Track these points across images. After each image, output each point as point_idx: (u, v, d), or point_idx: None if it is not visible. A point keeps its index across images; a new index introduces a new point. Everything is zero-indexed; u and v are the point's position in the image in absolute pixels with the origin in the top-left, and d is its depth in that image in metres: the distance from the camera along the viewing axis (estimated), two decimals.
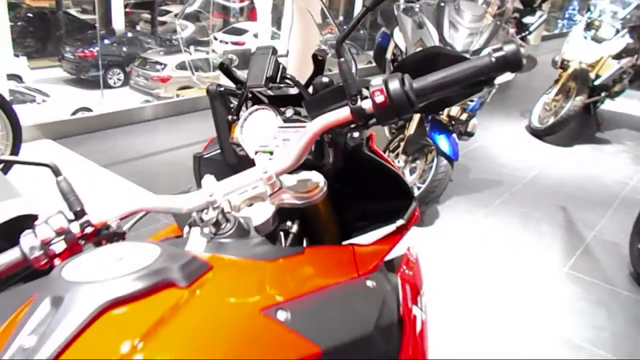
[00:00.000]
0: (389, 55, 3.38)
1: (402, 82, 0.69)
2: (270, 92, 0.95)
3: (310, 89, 0.92)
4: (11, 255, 0.70)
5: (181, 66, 12.94)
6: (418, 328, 0.90)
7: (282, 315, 0.60)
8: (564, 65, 5.07)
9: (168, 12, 18.37)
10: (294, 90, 0.94)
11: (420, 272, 1.05)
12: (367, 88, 0.72)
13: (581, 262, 2.85)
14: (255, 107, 0.95)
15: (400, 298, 0.85)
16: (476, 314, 2.31)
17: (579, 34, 5.09)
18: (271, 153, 0.88)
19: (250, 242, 0.73)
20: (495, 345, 2.13)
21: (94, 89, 12.42)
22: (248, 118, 0.95)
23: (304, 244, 0.89)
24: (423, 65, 0.77)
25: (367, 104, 0.71)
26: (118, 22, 15.61)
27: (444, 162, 2.91)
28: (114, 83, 13.86)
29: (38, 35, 15.45)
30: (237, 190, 0.76)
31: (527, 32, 8.64)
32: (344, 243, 0.90)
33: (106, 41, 14.79)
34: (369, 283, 0.75)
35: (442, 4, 3.05)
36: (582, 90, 4.80)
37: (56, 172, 0.75)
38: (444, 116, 3.04)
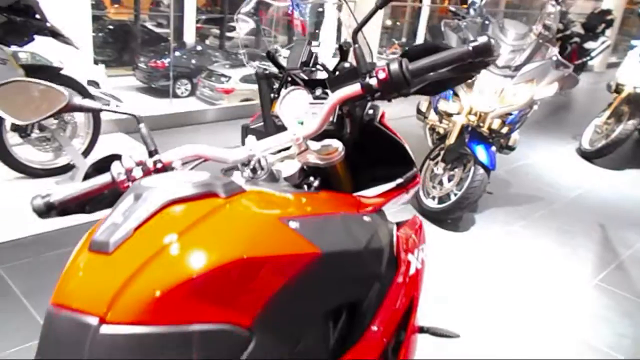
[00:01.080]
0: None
1: (400, 64, 0.91)
2: (304, 76, 1.18)
3: (337, 73, 1.15)
4: (104, 178, 0.96)
5: (245, 79, 13.55)
6: (411, 271, 1.09)
7: (293, 224, 0.82)
8: (618, 89, 5.06)
9: (235, 28, 19.20)
10: (323, 75, 1.17)
11: (423, 234, 1.24)
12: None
13: (613, 276, 2.90)
14: (292, 87, 1.18)
15: (394, 241, 1.05)
16: (503, 317, 2.44)
17: (635, 58, 5.08)
18: (302, 123, 1.11)
19: (278, 185, 0.96)
20: (520, 344, 2.26)
21: (163, 97, 13.18)
22: (286, 96, 1.19)
23: None
24: (423, 55, 0.98)
25: (373, 81, 0.93)
26: (189, 36, 16.50)
27: (481, 171, 3.05)
28: (182, 93, 14.61)
29: (116, 46, 16.52)
30: (272, 148, 0.99)
31: (588, 58, 8.58)
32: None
33: (177, 53, 15.67)
34: (365, 218, 0.96)
35: (487, 22, 3.23)
36: (635, 114, 4.79)
37: (139, 120, 1.01)
38: (484, 129, 3.18)
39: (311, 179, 1.07)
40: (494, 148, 3.20)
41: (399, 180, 1.09)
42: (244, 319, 0.72)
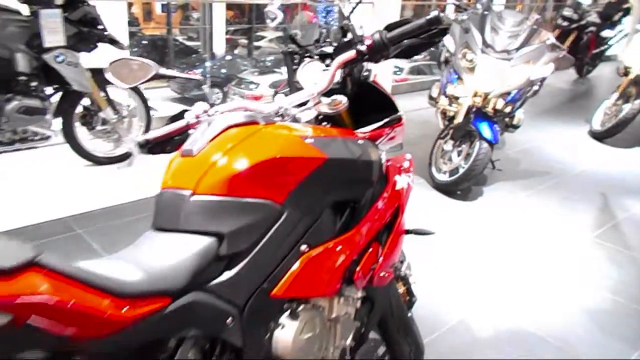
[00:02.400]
0: (442, 57, 3.97)
1: (380, 34, 1.33)
2: (316, 51, 1.61)
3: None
4: (181, 123, 1.40)
5: (273, 85, 14.13)
6: (397, 187, 1.51)
7: (309, 140, 1.24)
8: (626, 72, 5.32)
9: (263, 37, 19.80)
10: (331, 49, 1.60)
11: (411, 166, 1.65)
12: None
13: (608, 233, 3.23)
14: (309, 59, 1.61)
15: (383, 163, 1.47)
16: (507, 268, 2.81)
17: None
18: (316, 84, 1.54)
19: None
20: (524, 290, 2.63)
21: None
22: (305, 66, 1.62)
23: None
24: (397, 27, 1.40)
25: (363, 47, 1.35)
26: (219, 47, 17.25)
27: (485, 145, 3.44)
28: (214, 101, 15.33)
29: (150, 59, 17.41)
30: (295, 102, 1.42)
31: (606, 47, 8.76)
32: None
33: (208, 64, 16.42)
34: (359, 141, 1.38)
35: (486, 13, 3.61)
36: None
37: (203, 82, 1.46)
38: (489, 109, 3.56)
39: (323, 123, 1.50)
40: (497, 126, 3.57)
41: (385, 120, 1.51)
42: (278, 198, 1.16)
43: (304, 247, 1.21)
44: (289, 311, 1.21)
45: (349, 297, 1.37)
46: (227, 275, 1.09)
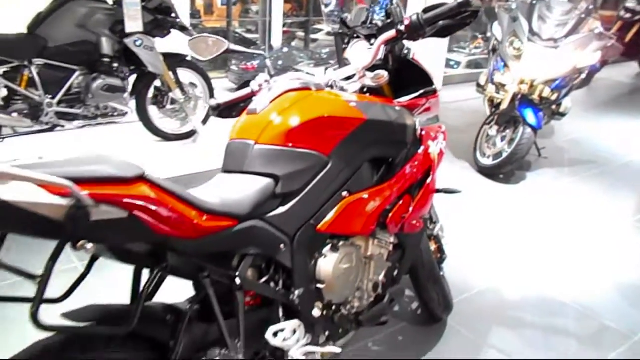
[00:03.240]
0: (490, 46, 4.10)
1: (417, 15, 1.55)
2: (363, 31, 1.84)
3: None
4: (246, 90, 1.67)
5: None
6: (430, 150, 1.72)
7: (352, 103, 1.48)
8: None
9: (320, 30, 20.06)
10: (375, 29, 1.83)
11: (445, 135, 1.85)
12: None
13: None
14: (356, 39, 1.85)
15: (418, 128, 1.69)
16: (542, 244, 2.96)
17: None
18: None
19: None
20: (557, 262, 2.77)
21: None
22: (352, 45, 1.85)
23: None
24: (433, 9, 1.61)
25: (402, 27, 1.57)
26: (276, 40, 17.69)
27: (528, 130, 3.56)
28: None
29: None
30: (343, 75, 1.66)
31: None
32: None
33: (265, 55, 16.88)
34: (396, 107, 1.61)
35: (534, 2, 3.72)
36: None
37: (265, 56, 1.72)
38: (535, 96, 3.67)
39: (367, 94, 1.73)
40: (542, 113, 3.67)
41: (421, 91, 1.73)
42: (325, 150, 1.41)
43: (345, 193, 1.46)
44: (330, 245, 1.46)
45: (382, 239, 1.60)
46: (281, 210, 1.34)
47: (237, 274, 1.25)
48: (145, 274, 1.16)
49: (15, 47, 3.13)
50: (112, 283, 1.38)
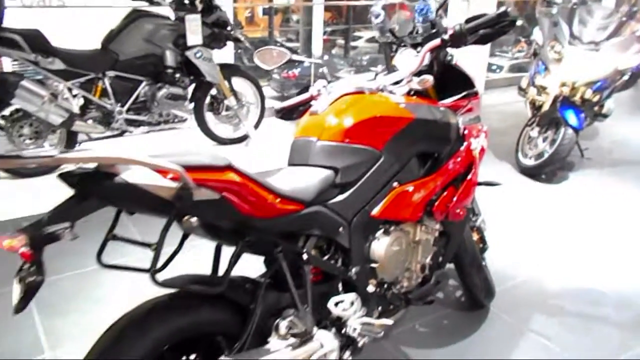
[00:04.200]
0: (532, 50, 4.21)
1: (460, 25, 1.73)
2: (410, 40, 2.03)
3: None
4: (306, 95, 1.89)
5: None
6: (472, 147, 1.89)
7: (402, 105, 1.68)
8: None
9: (359, 37, 20.29)
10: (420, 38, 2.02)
11: (487, 135, 2.01)
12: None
13: None
14: (404, 47, 2.04)
15: (461, 127, 1.87)
16: (582, 239, 3.06)
17: None
18: None
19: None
20: (597, 257, 2.88)
21: None
22: (400, 53, 2.04)
23: None
24: (474, 19, 1.79)
25: (446, 36, 1.76)
26: (317, 48, 18.03)
27: (570, 131, 3.66)
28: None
29: (249, 60, 18.63)
30: (391, 80, 1.85)
31: None
32: None
33: (306, 64, 17.23)
34: (441, 108, 1.79)
35: (575, 7, 3.81)
36: None
37: (322, 65, 1.94)
38: (577, 98, 3.76)
39: (413, 97, 1.92)
40: (583, 114, 3.76)
41: (463, 93, 1.90)
42: (378, 145, 1.60)
43: (395, 184, 1.66)
44: (383, 229, 1.66)
45: (429, 226, 1.79)
46: (340, 197, 1.55)
47: (304, 250, 1.46)
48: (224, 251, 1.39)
49: (91, 61, 3.48)
50: (195, 259, 1.61)
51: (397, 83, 1.86)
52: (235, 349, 1.33)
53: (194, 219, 1.17)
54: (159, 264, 1.19)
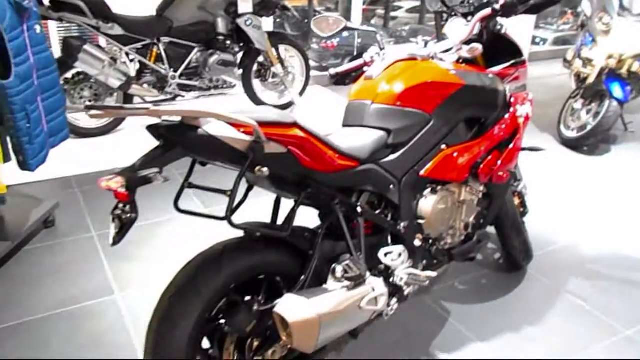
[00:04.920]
0: (579, 22, 4.16)
1: None
2: (460, 10, 2.10)
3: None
4: (359, 61, 1.99)
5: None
6: (517, 114, 1.97)
7: (452, 71, 1.77)
8: None
9: (400, 7, 19.93)
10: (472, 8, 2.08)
11: (532, 103, 2.08)
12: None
13: None
14: (454, 17, 2.11)
15: (507, 94, 1.94)
16: (622, 209, 3.10)
17: None
18: None
19: None
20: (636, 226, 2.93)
21: None
22: (451, 22, 2.12)
23: None
24: None
25: (497, 6, 1.82)
26: (356, 18, 17.89)
27: (614, 104, 3.65)
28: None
29: (293, 29, 18.67)
30: (442, 48, 1.94)
31: None
32: None
33: (345, 34, 17.10)
34: (490, 75, 1.87)
35: None
36: None
37: (376, 32, 2.03)
38: (623, 71, 3.73)
39: (463, 65, 2.00)
40: (629, 87, 3.73)
41: (511, 62, 1.97)
42: (428, 109, 1.71)
43: (443, 146, 1.76)
44: (430, 188, 1.77)
45: (473, 187, 1.89)
46: (391, 157, 1.67)
47: (358, 203, 1.59)
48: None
49: (147, 28, 3.64)
50: (256, 212, 1.76)
51: (447, 51, 1.95)
52: (296, 289, 1.49)
53: (265, 169, 1.31)
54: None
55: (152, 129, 1.27)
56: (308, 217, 1.68)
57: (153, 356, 1.34)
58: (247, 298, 1.51)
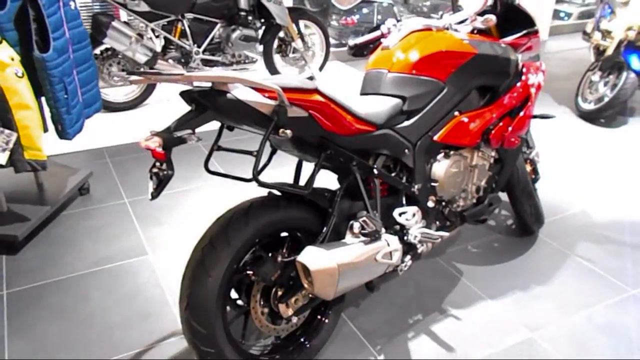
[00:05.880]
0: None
1: None
2: None
3: None
4: (376, 33, 2.08)
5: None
6: (529, 82, 2.05)
7: (466, 40, 1.85)
8: None
9: None
10: None
11: (545, 71, 2.16)
12: None
13: None
14: None
15: (519, 63, 2.02)
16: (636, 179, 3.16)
17: None
18: None
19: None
20: None
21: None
22: None
23: None
24: None
25: None
26: None
27: (632, 75, 3.67)
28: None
29: (311, 5, 18.62)
30: (457, 19, 2.01)
31: None
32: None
33: (364, 10, 17.02)
34: (502, 45, 1.95)
35: None
36: None
37: (392, 4, 2.11)
38: None
39: (477, 35, 2.08)
40: None
41: (524, 32, 2.05)
42: (442, 77, 1.80)
43: (456, 113, 1.86)
44: (443, 153, 1.88)
45: (485, 152, 1.99)
46: (407, 123, 1.77)
47: (374, 165, 1.70)
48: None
49: (172, 4, 3.75)
50: (278, 176, 1.89)
51: (462, 22, 2.02)
52: (317, 243, 1.62)
53: (288, 131, 1.42)
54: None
55: (184, 94, 1.39)
56: (328, 184, 1.80)
57: (188, 302, 1.49)
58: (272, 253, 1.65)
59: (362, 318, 1.99)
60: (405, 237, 1.81)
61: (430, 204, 1.88)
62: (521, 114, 2.02)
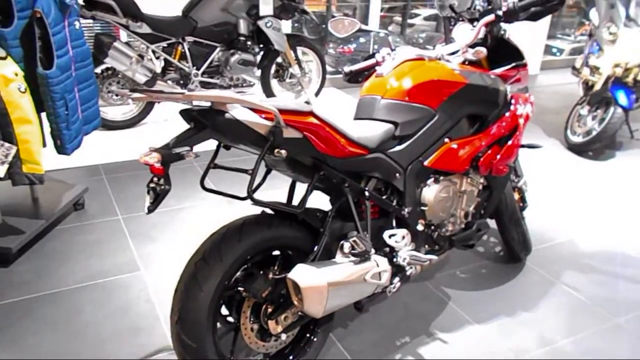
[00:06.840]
0: (588, 31, 4.30)
1: (514, 3, 1.95)
2: (467, 15, 2.26)
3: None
4: (371, 60, 2.16)
5: None
6: (517, 112, 2.12)
7: (456, 70, 1.93)
8: None
9: (417, 15, 20.05)
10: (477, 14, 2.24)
11: (533, 104, 2.23)
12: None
13: None
14: (461, 22, 2.27)
15: (508, 94, 2.10)
16: (621, 210, 3.23)
17: None
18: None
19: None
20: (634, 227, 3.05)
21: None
22: (458, 26, 2.27)
23: None
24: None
25: (500, 12, 1.98)
26: (373, 24, 18.07)
27: (619, 110, 3.78)
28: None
29: (312, 32, 18.91)
30: (449, 51, 2.09)
31: None
32: None
33: (361, 40, 17.32)
34: (492, 75, 2.03)
35: None
36: None
37: (388, 34, 2.20)
38: (629, 79, 3.86)
39: (468, 66, 2.16)
40: (634, 95, 3.86)
41: (513, 64, 2.13)
42: (433, 105, 1.87)
43: (446, 139, 1.92)
44: (433, 178, 1.93)
45: (474, 179, 2.05)
46: (398, 148, 1.83)
47: (366, 188, 1.76)
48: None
49: (173, 27, 3.85)
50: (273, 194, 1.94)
51: (453, 53, 2.10)
52: (308, 261, 1.65)
53: (283, 151, 1.48)
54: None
55: (184, 112, 1.45)
56: (320, 204, 1.84)
57: (179, 315, 1.51)
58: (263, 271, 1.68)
59: (350, 339, 2.01)
60: (395, 259, 1.85)
61: (420, 227, 1.92)
62: (509, 142, 2.09)
